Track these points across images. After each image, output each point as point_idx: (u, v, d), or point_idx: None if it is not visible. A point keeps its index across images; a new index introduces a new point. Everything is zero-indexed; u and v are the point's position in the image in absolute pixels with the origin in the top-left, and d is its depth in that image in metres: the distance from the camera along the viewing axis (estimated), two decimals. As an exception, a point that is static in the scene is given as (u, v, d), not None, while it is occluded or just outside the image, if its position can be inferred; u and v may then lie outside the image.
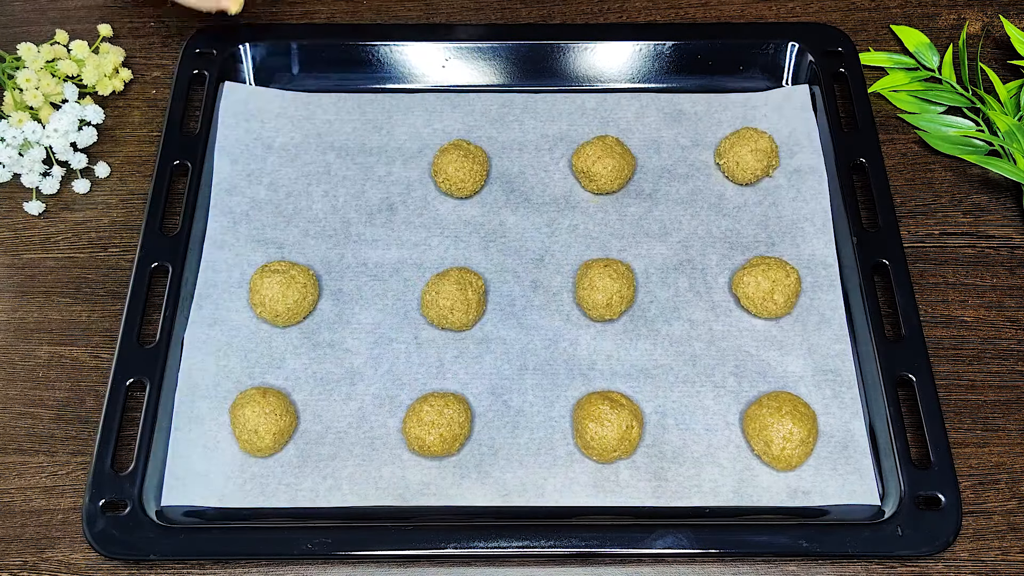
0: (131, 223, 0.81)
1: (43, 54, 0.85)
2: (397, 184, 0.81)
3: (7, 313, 0.76)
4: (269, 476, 0.68)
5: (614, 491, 0.68)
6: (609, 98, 0.85)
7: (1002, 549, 0.67)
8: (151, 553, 0.65)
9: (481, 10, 0.92)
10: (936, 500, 0.66)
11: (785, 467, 0.68)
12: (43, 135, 0.81)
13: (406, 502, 0.67)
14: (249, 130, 0.83)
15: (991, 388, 0.73)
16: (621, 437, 0.67)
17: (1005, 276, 0.78)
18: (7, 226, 0.81)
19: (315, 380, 0.72)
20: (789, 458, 0.67)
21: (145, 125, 0.86)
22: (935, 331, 0.75)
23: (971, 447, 0.70)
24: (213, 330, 0.74)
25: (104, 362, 0.74)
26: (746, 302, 0.74)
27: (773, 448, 0.67)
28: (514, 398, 0.71)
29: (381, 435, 0.70)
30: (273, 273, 0.73)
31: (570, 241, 0.78)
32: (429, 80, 0.87)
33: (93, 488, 0.66)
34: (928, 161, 0.83)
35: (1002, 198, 0.82)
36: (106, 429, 0.68)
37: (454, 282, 0.73)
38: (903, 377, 0.70)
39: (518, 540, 0.65)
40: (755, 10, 0.92)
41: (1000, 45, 0.90)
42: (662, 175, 0.81)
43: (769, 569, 0.66)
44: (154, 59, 0.90)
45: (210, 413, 0.70)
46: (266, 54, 0.87)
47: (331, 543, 0.65)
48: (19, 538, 0.67)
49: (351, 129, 0.84)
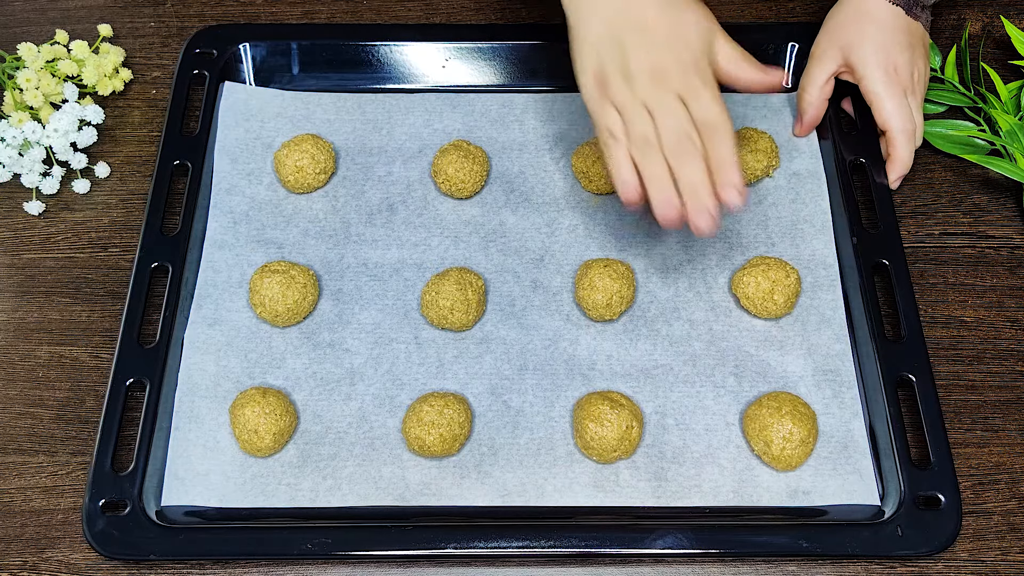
0: (131, 223, 0.81)
1: (43, 54, 0.85)
2: (397, 184, 0.81)
3: (7, 313, 0.76)
4: (269, 476, 0.68)
5: (614, 491, 0.68)
6: (609, 98, 0.85)
7: (1002, 549, 0.67)
8: (151, 553, 0.65)
9: (481, 10, 0.92)
10: (936, 500, 0.66)
11: (785, 467, 0.68)
12: (43, 135, 0.81)
13: (406, 502, 0.67)
14: (249, 130, 0.83)
15: (991, 388, 0.73)
16: (621, 437, 0.67)
17: (1005, 276, 0.78)
18: (7, 226, 0.81)
19: (315, 380, 0.72)
20: (789, 458, 0.67)
21: (145, 125, 0.86)
22: (935, 331, 0.75)
23: (971, 447, 0.70)
24: (213, 330, 0.74)
25: (104, 362, 0.74)
26: (746, 302, 0.74)
27: (773, 448, 0.67)
28: (514, 398, 0.71)
29: (381, 435, 0.70)
30: (273, 273, 0.73)
31: (570, 241, 0.78)
32: (429, 80, 0.87)
33: (93, 488, 0.66)
34: (928, 161, 0.83)
35: (1002, 198, 0.82)
36: (106, 429, 0.68)
37: (454, 282, 0.73)
38: (903, 377, 0.70)
39: (518, 540, 0.65)
40: (755, 10, 0.92)
41: (1000, 45, 0.90)
42: (662, 175, 0.81)
43: (769, 569, 0.66)
44: (154, 59, 0.90)
45: (210, 413, 0.70)
46: (266, 54, 0.87)
47: (331, 543, 0.65)
48: (19, 538, 0.67)
49: (351, 129, 0.84)
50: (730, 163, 0.64)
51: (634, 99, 0.65)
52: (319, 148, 0.79)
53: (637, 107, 0.65)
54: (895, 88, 0.77)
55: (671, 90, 0.65)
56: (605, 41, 0.65)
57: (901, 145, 0.77)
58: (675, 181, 0.64)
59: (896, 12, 0.78)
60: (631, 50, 0.65)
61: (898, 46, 0.78)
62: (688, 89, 0.65)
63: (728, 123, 0.65)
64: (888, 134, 0.78)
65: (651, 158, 0.64)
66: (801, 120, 0.82)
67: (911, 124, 0.77)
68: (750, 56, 0.68)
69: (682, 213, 0.64)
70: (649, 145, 0.64)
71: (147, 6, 0.93)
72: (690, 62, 0.65)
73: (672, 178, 0.64)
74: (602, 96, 0.66)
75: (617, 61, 0.65)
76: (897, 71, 0.77)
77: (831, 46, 0.80)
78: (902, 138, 0.77)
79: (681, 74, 0.65)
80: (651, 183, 0.64)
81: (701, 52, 0.66)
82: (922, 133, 0.79)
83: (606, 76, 0.65)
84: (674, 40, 0.65)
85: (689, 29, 0.66)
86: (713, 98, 0.65)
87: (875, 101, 0.78)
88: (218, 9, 0.93)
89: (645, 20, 0.65)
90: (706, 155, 0.64)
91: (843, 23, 0.80)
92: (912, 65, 0.78)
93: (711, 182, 0.64)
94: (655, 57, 0.65)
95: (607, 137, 0.65)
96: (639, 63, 0.65)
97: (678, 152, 0.64)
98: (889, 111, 0.77)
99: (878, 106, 0.78)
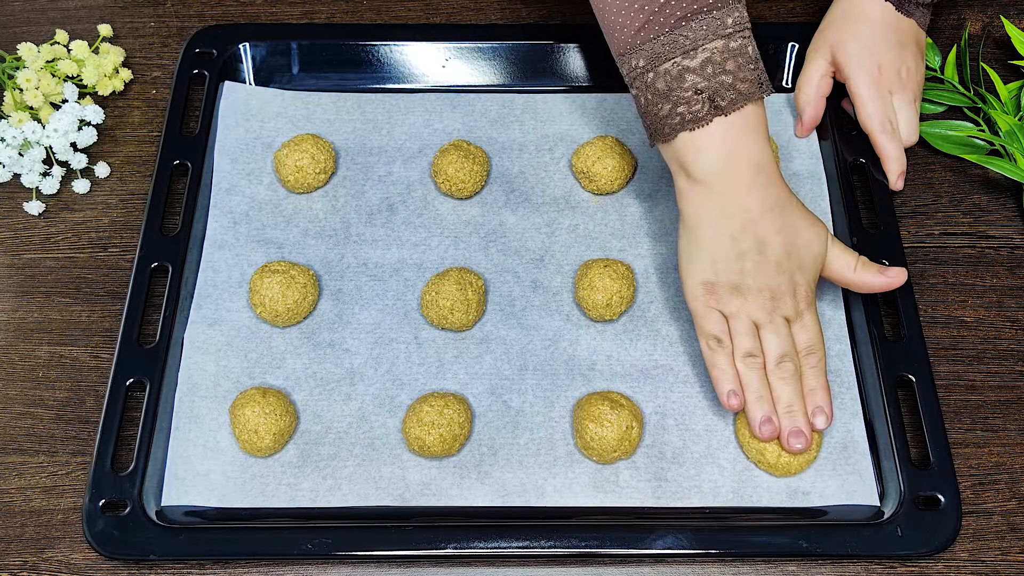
0: (131, 223, 0.81)
1: (43, 54, 0.85)
2: (397, 184, 0.81)
3: (7, 313, 0.76)
4: (269, 476, 0.68)
5: (614, 491, 0.68)
6: (609, 98, 0.85)
7: (1002, 549, 0.67)
8: (151, 553, 0.65)
9: (481, 10, 0.92)
10: (936, 500, 0.66)
11: (784, 473, 0.68)
12: (43, 135, 0.81)
13: (406, 502, 0.67)
14: (249, 130, 0.83)
15: (991, 388, 0.73)
16: (621, 437, 0.67)
17: (1005, 276, 0.78)
18: (7, 226, 0.81)
19: (315, 380, 0.72)
20: (787, 465, 0.67)
21: (145, 125, 0.86)
22: (935, 331, 0.75)
23: (971, 447, 0.70)
24: (213, 330, 0.74)
25: (104, 362, 0.74)
26: (746, 302, 0.74)
27: (768, 456, 0.67)
28: (514, 398, 0.71)
29: (381, 435, 0.70)
30: (273, 273, 0.73)
31: (570, 241, 0.78)
32: (429, 80, 0.87)
33: (93, 488, 0.66)
34: (928, 161, 0.83)
35: (1002, 198, 0.82)
36: (106, 429, 0.68)
37: (454, 282, 0.73)
38: (903, 377, 0.70)
39: (518, 540, 0.65)
40: (755, 10, 0.92)
41: (1000, 45, 0.90)
42: (662, 175, 0.81)
43: (769, 569, 0.66)
44: (154, 59, 0.90)
45: (210, 413, 0.70)
46: (266, 54, 0.87)
47: (331, 543, 0.65)
48: (19, 538, 0.67)
49: (351, 129, 0.84)
50: (822, 389, 0.67)
51: (744, 313, 0.67)
52: (319, 148, 0.79)
53: (747, 322, 0.67)
54: (877, 89, 0.78)
55: (780, 311, 0.67)
56: (724, 254, 0.66)
57: (884, 144, 0.78)
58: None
59: (887, 9, 0.78)
60: (749, 267, 0.66)
61: (885, 44, 0.78)
62: (795, 312, 0.67)
63: (823, 349, 0.68)
64: (869, 135, 0.79)
65: (754, 374, 0.67)
66: (801, 120, 0.82)
67: (889, 124, 0.78)
68: (867, 260, 0.70)
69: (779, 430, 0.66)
70: (754, 360, 0.67)
71: (147, 6, 0.93)
72: (802, 285, 0.67)
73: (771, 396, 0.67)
74: (709, 303, 0.67)
75: (734, 275, 0.66)
76: (881, 70, 0.78)
77: (823, 45, 0.81)
78: (883, 138, 0.78)
79: (791, 297, 0.67)
80: (754, 401, 0.66)
81: (813, 275, 0.68)
82: (916, 129, 0.79)
83: (718, 287, 0.67)
84: (791, 262, 0.67)
85: (804, 252, 0.67)
86: (814, 322, 0.68)
87: (856, 102, 0.79)
88: (218, 9, 0.93)
89: (766, 240, 0.66)
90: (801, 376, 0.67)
91: (834, 21, 0.80)
92: (900, 63, 0.78)
93: (804, 405, 0.67)
94: (770, 279, 0.66)
95: (712, 343, 0.67)
96: (755, 281, 0.66)
97: (779, 373, 0.67)
98: (869, 112, 0.78)
99: (859, 107, 0.79)
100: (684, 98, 0.65)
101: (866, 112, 0.78)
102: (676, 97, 0.65)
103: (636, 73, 0.67)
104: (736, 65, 0.65)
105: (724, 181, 0.66)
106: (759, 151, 0.66)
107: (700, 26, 0.65)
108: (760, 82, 0.66)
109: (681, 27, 0.65)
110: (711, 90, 0.65)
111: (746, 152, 0.66)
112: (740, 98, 0.65)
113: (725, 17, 0.65)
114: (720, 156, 0.66)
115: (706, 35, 0.65)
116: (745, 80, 0.65)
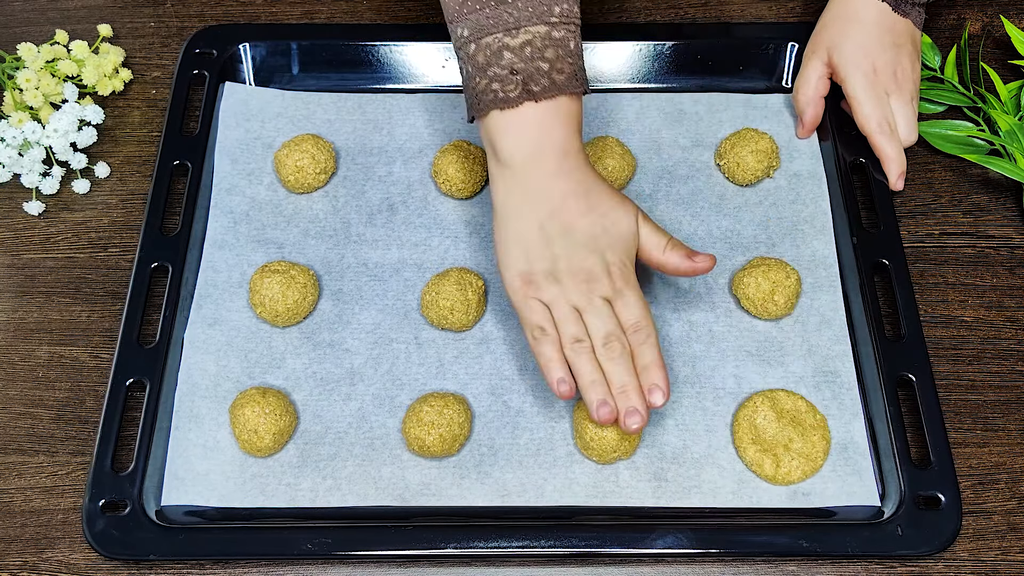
0: (131, 223, 0.81)
1: (43, 54, 0.85)
2: (397, 184, 0.81)
3: (7, 313, 0.76)
4: (269, 476, 0.68)
5: (614, 492, 0.68)
6: (609, 98, 0.85)
7: (1002, 549, 0.67)
8: (151, 553, 0.65)
9: (481, 10, 0.92)
10: (936, 500, 0.66)
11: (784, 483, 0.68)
12: (43, 135, 0.81)
13: (406, 502, 0.67)
14: (249, 130, 0.83)
15: (991, 388, 0.73)
16: (621, 438, 0.67)
17: (1005, 276, 0.78)
18: (7, 226, 0.81)
19: (315, 380, 0.72)
20: (787, 475, 0.67)
21: (145, 125, 0.86)
22: (935, 331, 0.75)
23: (971, 447, 0.70)
24: (213, 330, 0.74)
25: (104, 362, 0.74)
26: (746, 303, 0.74)
27: (766, 468, 0.67)
28: (514, 398, 0.71)
29: (381, 435, 0.70)
30: (273, 273, 0.73)
31: (570, 241, 0.78)
32: (429, 80, 0.87)
33: (93, 488, 0.66)
34: (928, 161, 0.83)
35: (1002, 198, 0.82)
36: (106, 429, 0.68)
37: (454, 282, 0.73)
38: (903, 377, 0.70)
39: (518, 540, 0.65)
40: (755, 10, 0.92)
41: (1000, 45, 0.90)
42: (662, 176, 0.81)
43: (769, 569, 0.66)
44: (154, 59, 0.90)
45: (210, 413, 0.70)
46: (266, 54, 0.87)
47: (331, 543, 0.65)
48: (19, 538, 0.67)
49: (351, 129, 0.84)
50: (656, 366, 0.65)
51: (563, 300, 0.66)
52: (319, 148, 0.79)
53: (567, 307, 0.66)
54: (873, 90, 0.78)
55: (598, 292, 0.66)
56: (534, 243, 0.66)
57: (883, 145, 0.78)
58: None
59: (882, 9, 0.78)
60: (560, 253, 0.66)
61: (880, 45, 0.78)
62: (614, 292, 0.66)
63: (651, 325, 0.66)
64: (867, 137, 0.79)
65: (584, 359, 0.65)
66: (802, 121, 0.82)
67: (887, 125, 0.78)
68: (677, 242, 0.69)
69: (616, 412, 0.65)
70: (581, 345, 0.66)
71: (147, 6, 0.93)
72: (615, 264, 0.67)
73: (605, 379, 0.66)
74: (528, 293, 0.67)
75: (546, 263, 0.66)
76: (877, 72, 0.78)
77: (820, 46, 0.81)
78: (881, 139, 0.78)
79: (607, 277, 0.66)
80: (588, 386, 0.65)
81: (625, 253, 0.67)
82: (915, 129, 0.79)
83: (534, 276, 0.66)
84: (600, 243, 0.66)
85: (612, 231, 0.67)
86: (637, 299, 0.67)
87: (853, 104, 0.79)
88: (218, 9, 0.93)
89: (572, 224, 0.66)
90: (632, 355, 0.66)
91: (829, 23, 0.81)
92: (895, 64, 0.78)
93: (639, 383, 0.65)
94: (582, 260, 0.66)
95: (537, 332, 0.66)
96: (567, 265, 0.66)
97: (608, 354, 0.65)
98: (866, 114, 0.78)
99: (856, 108, 0.79)
100: (500, 76, 0.65)
101: (863, 113, 0.78)
102: (493, 73, 0.65)
103: (461, 42, 0.67)
104: (555, 55, 0.65)
105: (529, 166, 0.66)
106: (567, 140, 0.66)
107: (526, 6, 0.64)
108: (577, 77, 0.66)
109: (507, 3, 0.64)
110: (526, 73, 0.64)
111: (552, 140, 0.66)
112: (553, 87, 0.65)
113: (552, 5, 0.65)
114: (528, 140, 0.66)
115: (530, 17, 0.64)
116: (562, 72, 0.65)
